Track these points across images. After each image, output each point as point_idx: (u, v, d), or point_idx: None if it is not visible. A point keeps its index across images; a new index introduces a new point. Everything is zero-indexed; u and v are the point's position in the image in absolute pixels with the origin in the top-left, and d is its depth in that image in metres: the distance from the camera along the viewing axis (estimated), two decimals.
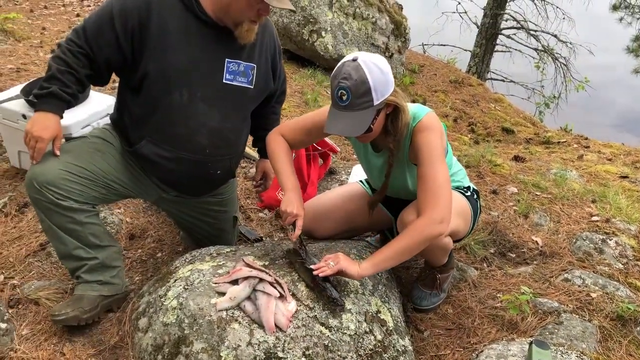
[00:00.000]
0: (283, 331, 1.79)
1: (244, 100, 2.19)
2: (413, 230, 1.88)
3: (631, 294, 2.41)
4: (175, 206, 2.41)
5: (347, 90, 1.80)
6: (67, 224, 1.99)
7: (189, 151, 2.11)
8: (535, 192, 3.46)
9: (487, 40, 11.20)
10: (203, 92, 2.05)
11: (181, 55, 1.97)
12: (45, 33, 5.70)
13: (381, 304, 2.03)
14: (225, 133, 2.17)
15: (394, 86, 1.89)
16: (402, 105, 1.92)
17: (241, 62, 2.10)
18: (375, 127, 1.92)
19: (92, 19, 1.96)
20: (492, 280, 2.55)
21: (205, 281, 1.96)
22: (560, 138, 5.85)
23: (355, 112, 1.84)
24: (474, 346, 2.13)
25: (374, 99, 1.82)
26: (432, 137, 1.95)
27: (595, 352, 2.04)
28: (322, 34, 5.95)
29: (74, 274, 2.11)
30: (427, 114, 1.98)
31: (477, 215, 2.30)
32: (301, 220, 2.04)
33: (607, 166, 4.22)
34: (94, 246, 2.08)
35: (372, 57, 1.84)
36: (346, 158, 3.96)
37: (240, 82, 2.12)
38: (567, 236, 2.94)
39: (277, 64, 2.32)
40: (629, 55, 11.09)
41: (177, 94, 2.01)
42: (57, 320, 2.01)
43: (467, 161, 3.88)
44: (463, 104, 6.97)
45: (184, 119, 2.05)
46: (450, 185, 1.95)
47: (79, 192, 1.99)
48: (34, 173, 1.94)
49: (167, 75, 1.98)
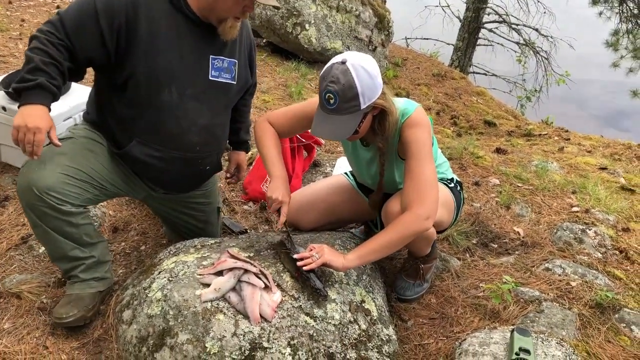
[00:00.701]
0: (268, 321, 1.80)
1: (229, 95, 2.19)
2: (399, 225, 1.90)
3: (609, 283, 2.46)
4: (162, 203, 2.40)
5: (334, 95, 1.81)
6: (64, 227, 1.97)
7: (181, 150, 2.10)
8: (516, 183, 3.51)
9: (469, 34, 11.26)
10: (192, 89, 2.03)
11: (171, 55, 1.95)
12: (25, 25, 5.61)
13: (365, 294, 2.05)
14: (214, 129, 2.17)
15: (382, 89, 1.89)
16: (389, 108, 1.93)
17: (225, 59, 2.10)
18: (361, 129, 1.93)
19: (71, 13, 1.86)
20: (474, 270, 2.59)
21: (190, 273, 1.96)
22: (542, 131, 5.92)
23: (341, 115, 1.85)
24: (457, 335, 2.16)
25: (361, 104, 1.83)
26: (421, 133, 1.96)
27: (574, 339, 2.08)
28: (305, 27, 5.94)
29: (69, 273, 2.09)
30: (416, 110, 2.00)
31: (460, 207, 2.33)
32: (286, 207, 2.05)
33: (587, 158, 4.29)
34: (88, 245, 2.07)
35: (361, 60, 1.83)
36: (330, 151, 3.96)
37: (225, 79, 2.12)
38: (547, 226, 2.98)
39: (253, 57, 2.33)
40: (608, 50, 11.23)
41: (167, 92, 1.99)
42: (64, 323, 2.00)
43: (449, 153, 3.91)
44: (446, 97, 7.01)
45: (175, 117, 2.03)
46: (437, 182, 1.98)
47: (76, 195, 1.96)
48: (32, 179, 1.87)
49: (157, 75, 1.95)
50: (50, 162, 1.93)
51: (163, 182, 2.22)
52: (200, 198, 2.44)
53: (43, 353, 1.93)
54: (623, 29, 10.97)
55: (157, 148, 2.07)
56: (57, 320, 2.00)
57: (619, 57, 11.10)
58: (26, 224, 2.59)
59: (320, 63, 6.17)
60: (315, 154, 3.58)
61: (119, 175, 2.13)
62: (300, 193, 2.48)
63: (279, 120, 2.22)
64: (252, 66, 2.32)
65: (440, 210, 2.04)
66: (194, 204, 2.44)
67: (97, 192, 2.05)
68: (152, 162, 2.09)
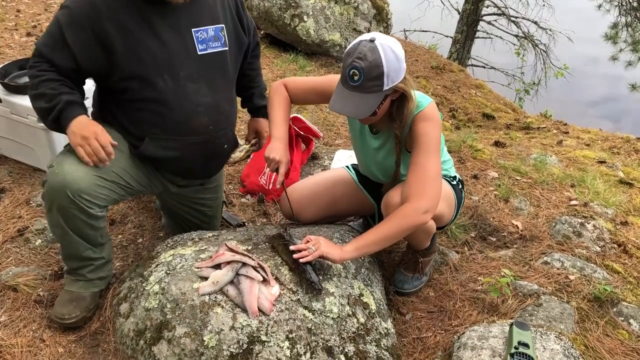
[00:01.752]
0: (266, 315, 1.79)
1: (225, 64, 2.12)
2: (397, 217, 1.89)
3: (608, 276, 2.46)
4: (175, 198, 2.37)
5: (360, 71, 1.78)
6: (86, 229, 1.95)
7: (193, 134, 2.06)
8: (515, 176, 3.50)
9: (468, 27, 11.21)
10: (185, 71, 1.98)
11: (151, 45, 1.91)
12: (20, 16, 5.56)
13: (364, 287, 2.04)
14: (220, 104, 2.11)
15: (404, 73, 1.88)
16: (410, 93, 1.91)
17: (208, 27, 2.02)
18: (380, 111, 1.91)
19: (44, 40, 1.89)
20: (473, 264, 2.58)
21: (188, 266, 1.95)
22: (540, 124, 5.91)
23: (363, 94, 1.83)
24: (455, 328, 2.16)
25: (384, 84, 1.81)
26: (432, 128, 1.95)
27: (573, 333, 2.07)
28: (304, 19, 5.90)
29: (75, 271, 2.06)
30: (430, 104, 1.98)
31: (461, 204, 2.32)
32: (284, 167, 2.05)
33: (586, 151, 4.28)
34: (99, 245, 2.06)
35: (389, 41, 1.82)
36: (329, 143, 3.95)
37: (215, 48, 2.05)
38: (546, 220, 2.98)
39: (242, 15, 2.22)
40: (607, 43, 11.20)
41: (160, 82, 1.95)
42: (67, 323, 1.99)
43: (448, 146, 3.90)
44: (444, 90, 6.98)
45: (176, 103, 1.99)
46: (440, 177, 1.97)
47: (105, 196, 1.94)
48: (67, 181, 1.83)
49: (145, 69, 1.92)
50: (80, 163, 1.88)
51: (187, 171, 2.19)
52: (210, 193, 2.43)
53: (40, 346, 1.92)
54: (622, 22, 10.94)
55: (170, 138, 2.03)
56: (58, 320, 1.99)
57: (618, 50, 11.08)
58: (23, 216, 2.58)
59: (318, 55, 6.13)
60: (313, 146, 3.57)
61: (142, 171, 2.10)
62: (299, 185, 2.46)
63: (297, 87, 2.20)
64: (243, 24, 2.22)
65: (440, 204, 2.03)
66: (205, 200, 2.43)
67: (123, 192, 2.03)
68: (170, 155, 2.06)
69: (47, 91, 1.86)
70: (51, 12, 5.82)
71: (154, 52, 1.91)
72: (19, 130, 2.81)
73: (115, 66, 1.89)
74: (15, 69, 2.90)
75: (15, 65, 2.92)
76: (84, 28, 1.83)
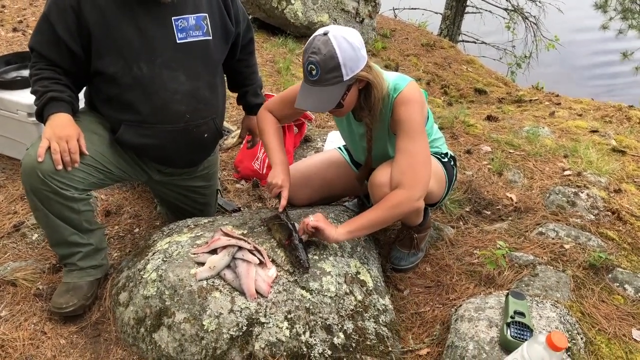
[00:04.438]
0: (264, 297, 1.80)
1: (207, 53, 2.09)
2: (391, 204, 1.92)
3: (602, 244, 2.48)
4: (163, 185, 2.38)
5: (316, 65, 1.79)
6: (66, 212, 1.95)
7: (169, 122, 2.05)
8: (508, 150, 3.51)
9: (457, 2, 11.13)
10: (161, 58, 1.97)
11: (127, 30, 1.90)
12: (5, 11, 5.51)
13: (360, 265, 2.05)
14: (201, 93, 2.09)
15: (366, 61, 1.87)
16: (374, 81, 1.90)
17: (189, 16, 2.00)
18: (346, 102, 1.91)
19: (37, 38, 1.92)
20: (468, 238, 2.60)
21: (184, 252, 1.96)
22: (532, 96, 5.91)
23: (324, 87, 1.83)
24: (452, 302, 2.18)
25: (343, 75, 1.81)
26: (412, 110, 1.94)
27: (569, 300, 2.10)
28: (291, 1, 5.86)
29: (66, 260, 2.07)
30: (408, 85, 1.96)
31: (453, 182, 2.32)
32: (286, 191, 2.07)
33: (578, 121, 4.28)
34: (87, 231, 2.06)
35: (343, 32, 1.82)
36: (321, 125, 3.94)
37: (196, 37, 2.03)
38: (540, 191, 2.99)
39: (230, 5, 2.17)
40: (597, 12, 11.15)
41: (135, 68, 1.94)
42: (64, 312, 2.00)
43: (441, 123, 3.90)
44: (435, 66, 6.97)
45: (152, 91, 1.98)
46: (430, 160, 1.98)
47: (81, 179, 1.94)
48: (37, 161, 1.84)
49: (120, 54, 1.92)
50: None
51: (165, 158, 2.19)
52: (199, 181, 2.43)
53: (41, 338, 1.93)
54: None
55: (145, 126, 2.03)
56: (56, 310, 2.00)
57: (608, 19, 11.03)
58: (18, 212, 2.58)
59: (307, 37, 6.09)
60: (305, 129, 3.56)
61: (123, 158, 2.11)
62: (293, 168, 2.46)
63: (277, 107, 2.22)
64: (230, 14, 2.17)
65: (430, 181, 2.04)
66: (196, 187, 2.43)
67: (102, 176, 2.03)
68: (147, 142, 2.06)
69: (38, 88, 1.91)
70: (36, 6, 5.76)
71: (130, 39, 1.91)
72: (9, 126, 2.80)
73: (93, 51, 1.91)
74: (3, 65, 2.88)
75: (2, 60, 2.90)
76: (66, 12, 1.85)
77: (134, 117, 2.01)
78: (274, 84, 4.68)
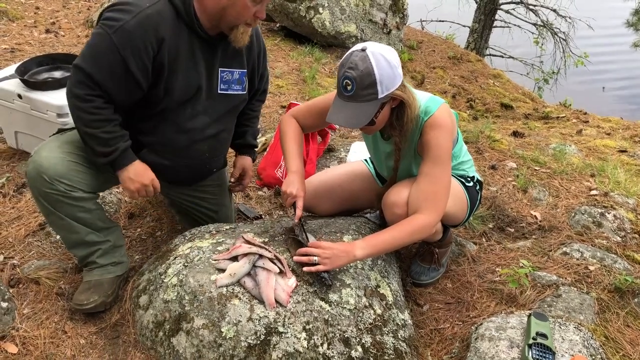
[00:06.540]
0: (283, 306, 1.80)
1: (237, 105, 2.22)
2: (411, 229, 1.93)
3: (629, 266, 2.42)
4: (174, 190, 2.41)
5: (352, 81, 1.79)
6: (78, 212, 1.99)
7: (189, 158, 2.15)
8: (534, 167, 3.46)
9: (485, 16, 11.07)
10: (203, 105, 2.06)
11: (189, 76, 1.96)
12: (39, 12, 5.64)
13: (380, 279, 2.04)
14: (222, 135, 2.21)
15: (402, 80, 1.87)
16: (408, 100, 1.89)
17: (234, 70, 2.10)
18: (378, 120, 1.91)
19: (98, 64, 1.80)
20: (491, 255, 2.56)
21: (205, 258, 1.97)
22: (559, 113, 5.83)
23: (358, 103, 1.83)
24: (473, 319, 2.15)
25: (378, 92, 1.80)
26: (442, 136, 1.93)
27: (592, 324, 2.05)
28: (319, 11, 5.88)
29: (86, 260, 2.10)
30: (440, 108, 1.95)
31: (476, 206, 2.30)
32: (301, 201, 2.06)
33: (606, 140, 4.21)
34: (103, 229, 2.09)
35: (381, 49, 1.82)
36: (345, 135, 3.94)
37: (235, 90, 2.13)
38: (565, 210, 2.94)
39: (261, 64, 2.28)
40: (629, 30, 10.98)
41: (182, 110, 2.01)
42: (85, 309, 2.02)
43: (466, 137, 3.86)
44: (462, 80, 6.92)
45: (186, 132, 2.06)
46: (449, 188, 1.98)
47: (87, 181, 1.99)
48: (42, 166, 1.89)
49: (175, 96, 1.96)
50: (59, 150, 1.96)
51: (167, 179, 2.22)
52: (209, 181, 2.44)
53: (62, 337, 1.96)
54: None
55: (167, 157, 2.10)
56: (78, 307, 2.02)
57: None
58: None
59: (334, 47, 6.11)
60: (329, 139, 3.56)
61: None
62: (317, 178, 2.46)
63: (303, 115, 2.23)
64: (259, 71, 2.29)
65: (448, 204, 2.02)
66: (206, 187, 2.44)
67: (102, 179, 2.07)
68: (160, 169, 2.11)
69: (101, 135, 1.87)
70: (69, 8, 5.88)
71: (187, 84, 1.96)
72: (38, 126, 2.85)
73: (160, 88, 1.93)
74: (35, 66, 2.94)
75: (34, 62, 2.95)
76: (145, 49, 1.81)
77: (159, 149, 2.07)
78: (299, 93, 4.70)
